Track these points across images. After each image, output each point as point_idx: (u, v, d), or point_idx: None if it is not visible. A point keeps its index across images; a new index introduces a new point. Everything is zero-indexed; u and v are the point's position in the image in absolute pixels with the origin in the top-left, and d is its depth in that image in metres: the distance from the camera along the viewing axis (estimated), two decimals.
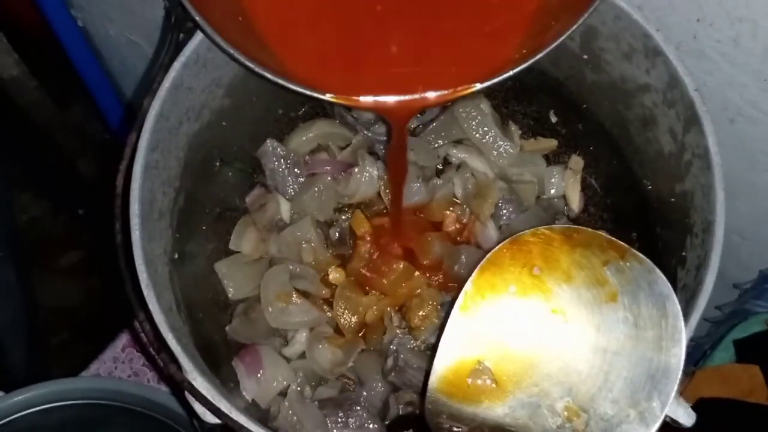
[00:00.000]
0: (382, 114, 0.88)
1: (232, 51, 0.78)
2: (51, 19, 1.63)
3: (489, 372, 0.77)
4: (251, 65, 0.78)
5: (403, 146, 0.93)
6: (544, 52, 0.79)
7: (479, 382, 0.77)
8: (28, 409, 1.15)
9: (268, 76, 0.78)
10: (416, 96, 0.77)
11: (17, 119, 2.00)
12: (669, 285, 0.76)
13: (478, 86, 0.78)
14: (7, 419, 1.14)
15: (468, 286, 0.79)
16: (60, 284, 2.48)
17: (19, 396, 1.15)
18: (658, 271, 0.77)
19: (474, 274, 0.79)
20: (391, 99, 0.78)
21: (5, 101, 1.57)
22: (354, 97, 0.78)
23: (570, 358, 0.76)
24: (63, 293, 2.47)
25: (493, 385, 0.77)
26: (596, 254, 0.79)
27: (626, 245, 0.79)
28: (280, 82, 0.78)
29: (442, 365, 0.78)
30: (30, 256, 2.15)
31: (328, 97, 0.78)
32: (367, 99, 0.78)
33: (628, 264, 0.78)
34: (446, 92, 0.78)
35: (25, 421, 1.15)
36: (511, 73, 0.78)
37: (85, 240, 2.52)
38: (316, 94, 0.78)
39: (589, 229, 0.81)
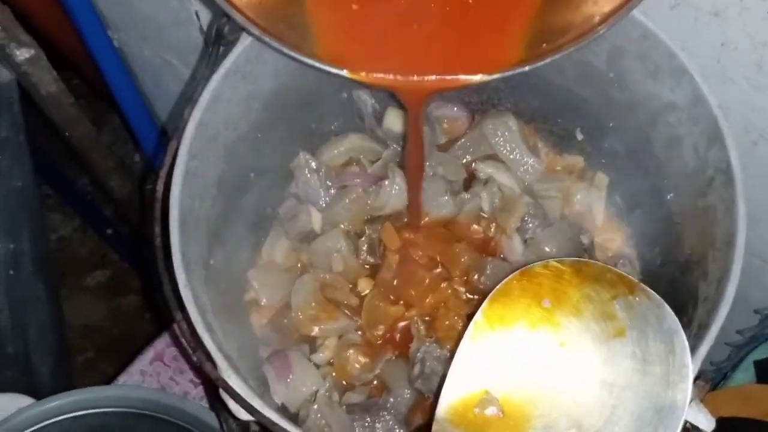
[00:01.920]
0: (397, 92, 0.88)
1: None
2: (88, 39, 1.67)
3: (497, 402, 0.77)
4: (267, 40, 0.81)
5: (419, 133, 0.95)
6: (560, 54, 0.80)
7: (487, 412, 0.77)
8: (59, 416, 1.17)
9: (285, 50, 0.81)
10: (433, 77, 0.80)
11: (53, 136, 2.05)
12: (677, 320, 0.77)
13: (497, 75, 0.80)
14: (38, 426, 1.16)
15: (478, 317, 0.79)
16: (87, 303, 2.52)
17: (51, 403, 1.17)
18: (666, 306, 0.78)
19: (484, 304, 0.80)
20: (406, 77, 0.80)
21: (43, 118, 1.61)
22: (371, 74, 0.80)
23: (577, 390, 0.76)
24: (89, 312, 2.51)
25: (501, 416, 0.77)
26: (605, 288, 0.79)
27: (635, 280, 0.80)
28: (297, 56, 0.81)
29: (450, 394, 0.78)
30: (59, 275, 2.19)
31: (344, 73, 0.80)
32: (383, 76, 0.80)
33: (636, 299, 0.79)
34: (457, 77, 0.80)
35: (55, 428, 1.17)
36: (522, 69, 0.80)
37: (112, 260, 2.56)
38: (333, 70, 0.80)
39: (599, 263, 0.82)
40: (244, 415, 0.83)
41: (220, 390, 0.83)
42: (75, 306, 2.45)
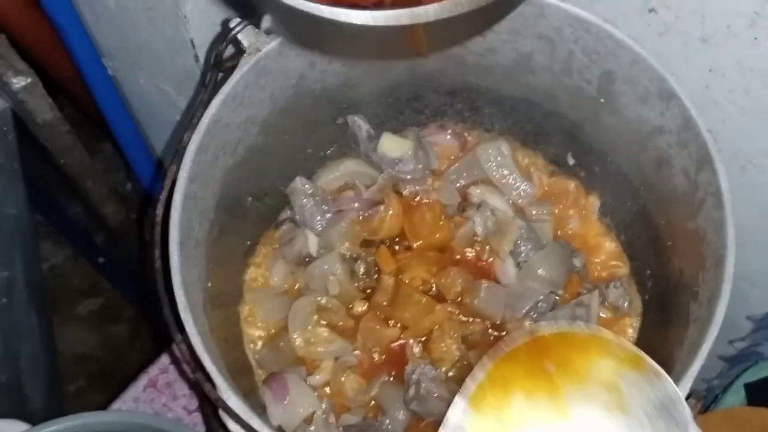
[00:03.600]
0: None
1: None
2: (82, 67, 1.68)
3: None
4: None
5: None
6: None
7: None
8: None
9: None
10: None
11: (45, 164, 2.06)
12: (679, 392, 0.78)
13: None
14: None
15: (480, 376, 0.78)
16: (78, 331, 2.51)
17: (47, 428, 1.17)
18: (670, 381, 0.79)
19: (489, 364, 0.78)
20: None
21: (34, 146, 1.62)
22: None
23: None
24: (81, 340, 2.50)
25: None
26: (612, 359, 0.80)
27: (641, 353, 0.81)
28: None
29: None
30: (50, 303, 2.18)
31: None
32: None
33: (641, 372, 0.79)
34: None
35: None
36: None
37: (104, 288, 2.56)
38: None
39: (609, 334, 0.82)
40: None
41: (220, 411, 0.84)
42: (66, 334, 2.44)
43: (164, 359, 1.36)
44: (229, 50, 0.98)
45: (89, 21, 1.54)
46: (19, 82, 1.42)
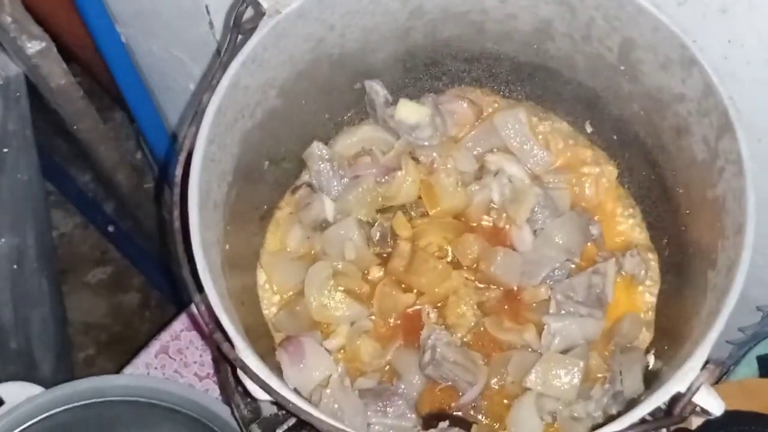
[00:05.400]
0: None
1: None
2: (95, 34, 1.68)
3: None
4: None
5: None
6: None
7: None
8: (69, 404, 1.18)
9: None
10: None
11: (55, 132, 2.06)
12: None
13: None
14: (48, 413, 1.17)
15: None
16: (87, 300, 2.52)
17: (60, 391, 1.18)
18: None
19: None
20: None
21: (46, 114, 1.62)
22: None
23: None
24: (90, 309, 2.51)
25: None
26: None
27: None
28: None
29: None
30: (60, 271, 2.19)
31: None
32: None
33: None
34: None
35: (65, 417, 1.18)
36: None
37: (113, 257, 2.57)
38: None
39: None
40: (261, 395, 0.84)
41: (238, 371, 0.84)
42: (76, 303, 2.45)
43: (175, 326, 1.37)
44: (249, 12, 0.98)
45: None
46: (33, 46, 1.43)
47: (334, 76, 1.10)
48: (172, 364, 1.35)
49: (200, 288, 0.86)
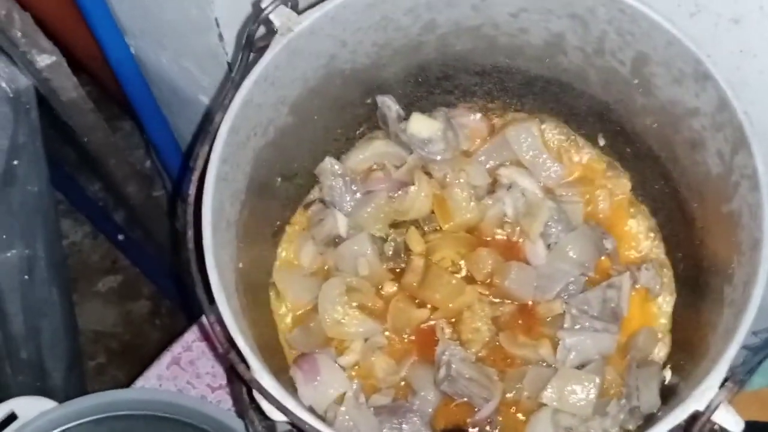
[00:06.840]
0: None
1: None
2: (105, 46, 1.68)
3: None
4: None
5: None
6: None
7: None
8: (80, 419, 1.18)
9: None
10: None
11: (65, 143, 2.06)
12: None
13: None
14: (60, 429, 1.17)
15: None
16: (98, 308, 2.53)
17: (73, 407, 1.18)
18: None
19: None
20: None
21: (55, 124, 1.62)
22: None
23: None
24: (100, 317, 2.52)
25: None
26: None
27: None
28: None
29: None
30: (70, 280, 2.20)
31: None
32: None
33: None
34: None
35: (78, 431, 1.18)
36: None
37: (123, 265, 2.57)
38: None
39: None
40: (277, 415, 0.84)
41: (254, 391, 0.84)
42: (86, 311, 2.46)
43: (187, 337, 1.36)
44: (261, 31, 0.98)
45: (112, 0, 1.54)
46: (43, 60, 1.42)
47: (346, 91, 1.10)
48: (184, 376, 1.34)
49: (213, 304, 0.86)
